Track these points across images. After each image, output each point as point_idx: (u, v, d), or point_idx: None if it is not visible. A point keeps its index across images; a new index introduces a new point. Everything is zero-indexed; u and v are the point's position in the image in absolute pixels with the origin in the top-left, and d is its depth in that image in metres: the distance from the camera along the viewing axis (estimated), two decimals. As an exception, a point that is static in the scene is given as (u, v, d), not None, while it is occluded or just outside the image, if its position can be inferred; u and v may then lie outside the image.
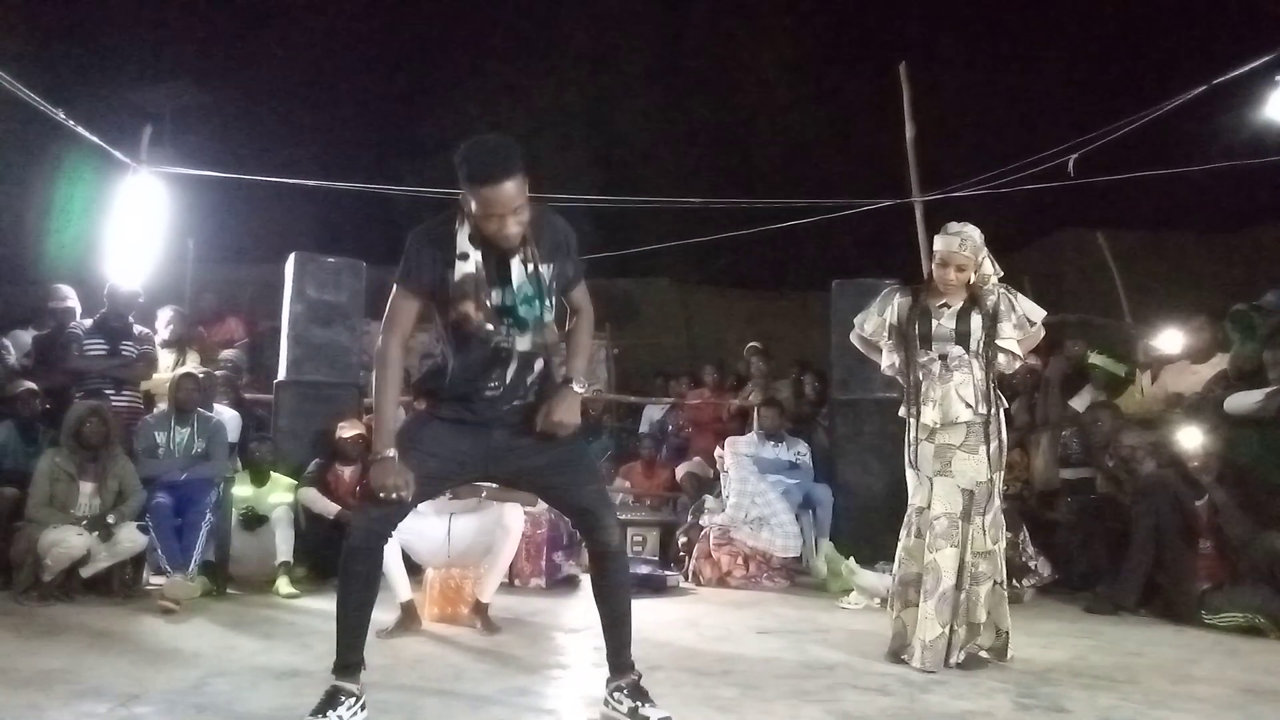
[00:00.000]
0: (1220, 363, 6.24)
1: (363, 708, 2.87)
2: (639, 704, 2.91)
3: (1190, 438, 5.28)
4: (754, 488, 6.79)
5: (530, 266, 2.88)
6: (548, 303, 2.93)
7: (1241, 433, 5.59)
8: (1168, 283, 10.67)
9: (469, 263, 2.84)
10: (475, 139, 2.81)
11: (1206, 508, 5.22)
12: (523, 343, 2.92)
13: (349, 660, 2.90)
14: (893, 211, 9.24)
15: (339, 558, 2.90)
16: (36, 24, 11.74)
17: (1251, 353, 5.91)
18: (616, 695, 2.97)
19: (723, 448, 7.16)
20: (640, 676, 3.01)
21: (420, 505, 4.92)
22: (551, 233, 2.98)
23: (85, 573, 5.26)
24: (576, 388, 3.00)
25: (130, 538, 5.38)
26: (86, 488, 5.44)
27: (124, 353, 6.43)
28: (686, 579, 6.56)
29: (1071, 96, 13.59)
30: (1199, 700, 3.41)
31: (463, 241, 2.84)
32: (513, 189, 2.73)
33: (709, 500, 6.92)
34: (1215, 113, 7.40)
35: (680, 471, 7.87)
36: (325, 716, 2.77)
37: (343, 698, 2.82)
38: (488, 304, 2.86)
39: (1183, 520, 5.27)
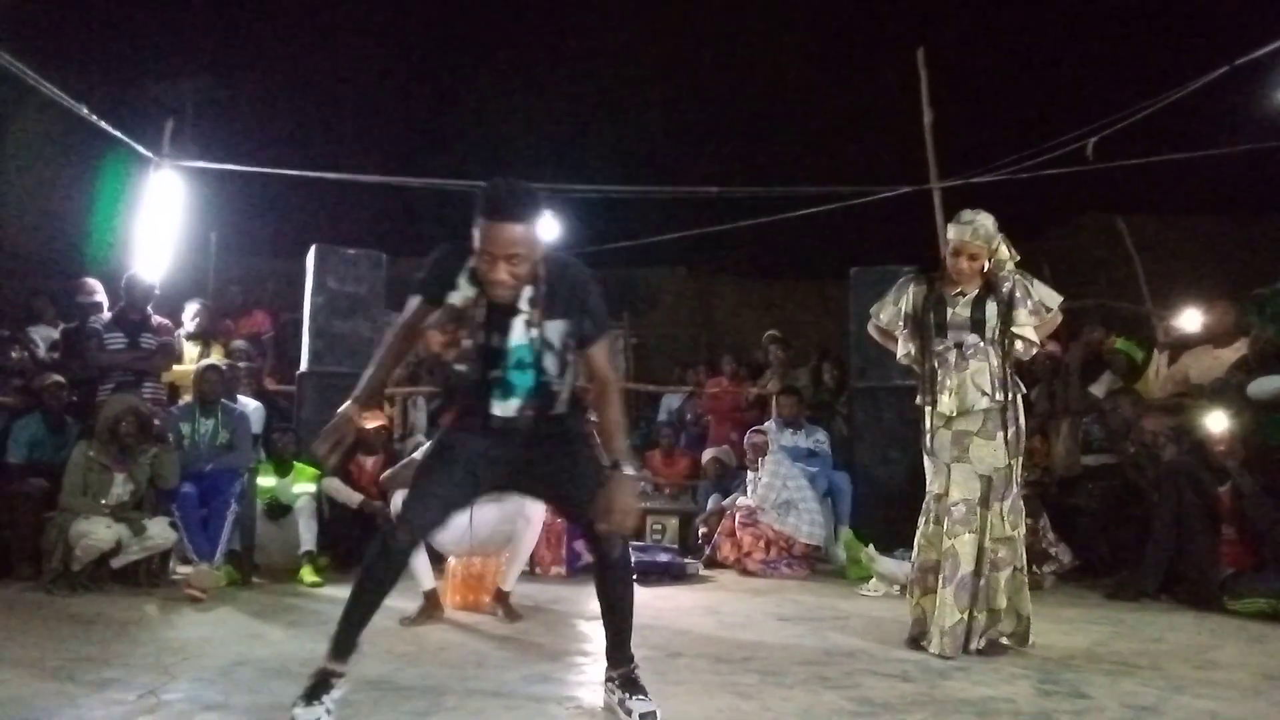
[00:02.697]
0: (1243, 347, 6.20)
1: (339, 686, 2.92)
2: (627, 695, 2.94)
3: (1217, 422, 5.24)
4: (787, 470, 6.81)
5: (534, 331, 2.81)
6: (547, 371, 2.86)
7: (1268, 417, 5.55)
8: (1188, 267, 10.58)
9: (457, 296, 2.82)
10: (504, 178, 2.76)
11: (1229, 493, 5.19)
12: (506, 408, 2.86)
13: (348, 646, 2.89)
14: (911, 198, 9.20)
15: (365, 550, 2.92)
16: (58, 18, 11.83)
17: (1272, 337, 5.86)
18: (610, 685, 3.01)
19: (751, 437, 7.15)
20: (635, 669, 3.01)
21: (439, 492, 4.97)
22: (567, 286, 2.85)
23: (115, 564, 5.34)
24: (628, 470, 2.81)
25: (161, 533, 5.46)
26: (119, 477, 5.52)
27: (143, 345, 6.49)
28: (706, 566, 6.59)
29: (1091, 80, 13.48)
30: (1221, 686, 3.41)
31: (465, 272, 2.81)
32: (514, 233, 2.66)
33: (740, 499, 6.92)
34: (1237, 95, 7.32)
35: (705, 456, 7.88)
36: (320, 703, 2.77)
37: (333, 681, 2.84)
38: (464, 343, 2.83)
39: (1205, 506, 5.24)
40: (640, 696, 2.93)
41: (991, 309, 3.98)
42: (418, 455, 5.01)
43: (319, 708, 2.76)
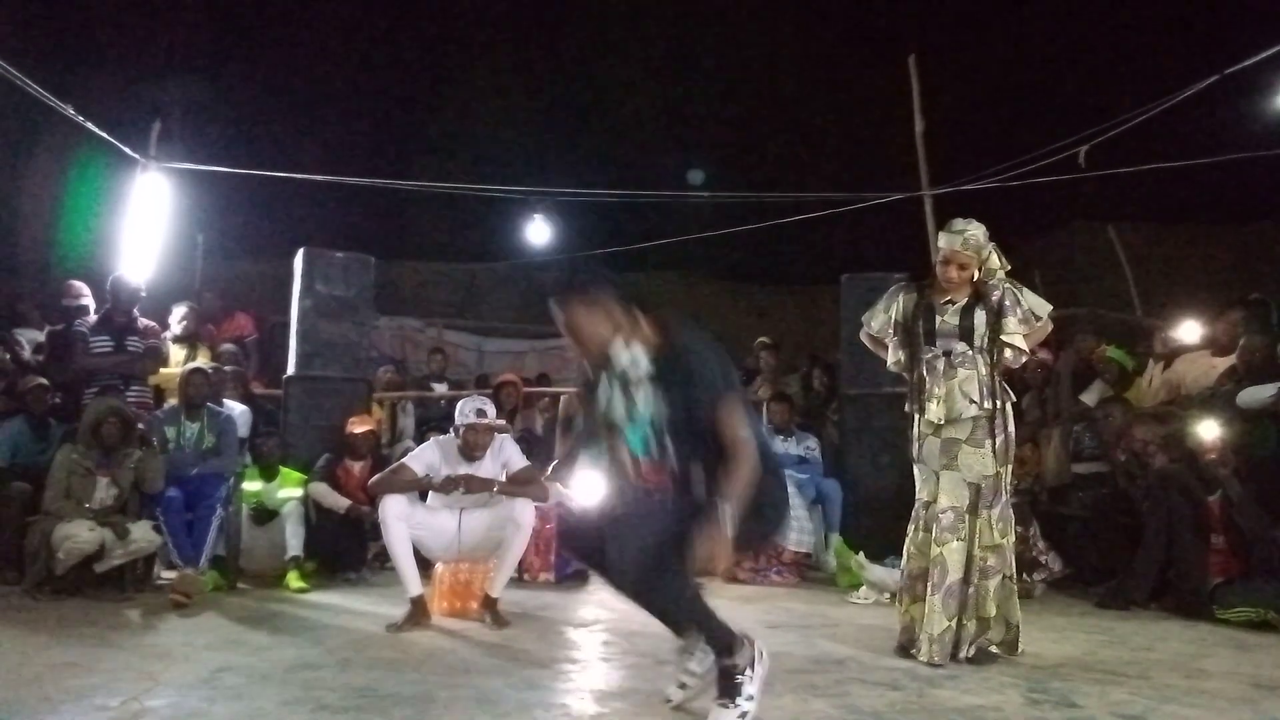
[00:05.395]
0: (1238, 356, 6.20)
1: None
2: (717, 693, 2.87)
3: (1207, 430, 5.25)
4: None
5: (619, 390, 2.97)
6: (650, 432, 2.94)
7: (1257, 426, 5.56)
8: (1178, 276, 10.63)
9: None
10: (579, 262, 2.90)
11: (1219, 502, 5.19)
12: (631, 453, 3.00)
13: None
14: (902, 205, 9.21)
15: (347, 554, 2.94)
16: (44, 18, 11.77)
17: (1259, 345, 5.86)
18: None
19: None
20: (732, 665, 2.86)
21: (430, 500, 4.94)
22: (672, 364, 2.88)
23: (99, 568, 5.29)
24: (722, 516, 2.66)
25: (145, 536, 5.39)
26: (103, 481, 5.46)
27: (129, 348, 6.44)
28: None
29: (1082, 88, 13.53)
30: (1210, 695, 3.40)
31: None
32: (557, 316, 2.92)
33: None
34: (1227, 103, 7.35)
35: None
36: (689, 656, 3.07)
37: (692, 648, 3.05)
38: (589, 403, 3.09)
39: (1195, 515, 5.24)
40: (723, 701, 2.83)
41: (980, 317, 3.98)
42: (406, 460, 4.98)
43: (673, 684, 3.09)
